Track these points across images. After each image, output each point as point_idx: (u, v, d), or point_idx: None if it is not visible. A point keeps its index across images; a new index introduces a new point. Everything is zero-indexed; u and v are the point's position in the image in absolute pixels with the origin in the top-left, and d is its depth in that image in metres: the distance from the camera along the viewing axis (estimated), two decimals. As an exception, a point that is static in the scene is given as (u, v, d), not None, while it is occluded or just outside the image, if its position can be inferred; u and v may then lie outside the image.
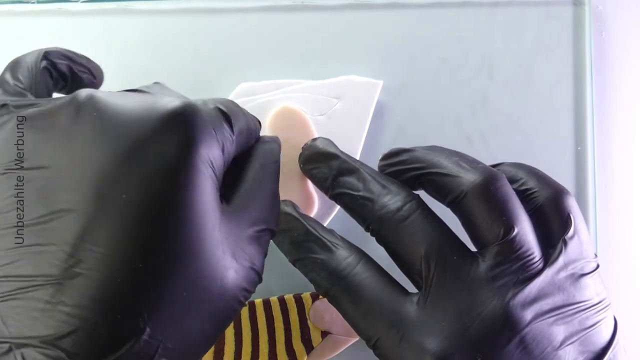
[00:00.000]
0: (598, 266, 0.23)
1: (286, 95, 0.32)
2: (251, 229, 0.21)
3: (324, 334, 0.31)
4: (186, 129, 0.18)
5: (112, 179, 0.18)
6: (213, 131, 0.19)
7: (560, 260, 0.21)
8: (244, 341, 0.30)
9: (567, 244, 0.22)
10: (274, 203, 0.22)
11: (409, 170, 0.24)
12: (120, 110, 0.18)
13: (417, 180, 0.24)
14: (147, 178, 0.18)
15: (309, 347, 0.31)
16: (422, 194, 0.24)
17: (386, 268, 0.23)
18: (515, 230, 0.21)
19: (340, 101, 0.32)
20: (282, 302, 0.31)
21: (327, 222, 0.31)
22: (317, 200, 0.30)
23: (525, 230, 0.21)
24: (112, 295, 0.17)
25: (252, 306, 0.31)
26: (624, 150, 0.35)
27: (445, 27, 0.34)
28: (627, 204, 0.35)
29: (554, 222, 0.23)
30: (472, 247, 0.22)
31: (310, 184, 0.30)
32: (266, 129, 0.31)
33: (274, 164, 0.23)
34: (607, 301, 0.22)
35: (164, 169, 0.18)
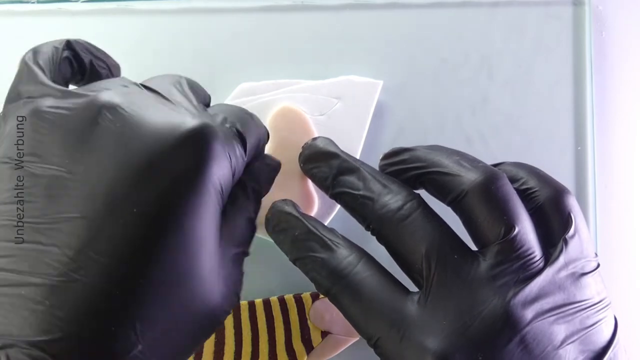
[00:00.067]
0: (598, 265, 0.23)
1: (286, 95, 0.32)
2: (235, 250, 0.22)
3: (324, 334, 0.31)
4: (201, 152, 0.19)
5: (125, 192, 0.18)
6: (227, 154, 0.20)
7: (561, 259, 0.21)
8: (244, 341, 0.30)
9: (568, 243, 0.22)
10: (252, 225, 0.23)
11: (409, 169, 0.24)
12: (141, 124, 0.19)
13: (417, 179, 0.24)
14: (159, 196, 0.18)
15: (309, 347, 0.31)
16: (423, 194, 0.24)
17: (387, 267, 0.23)
18: (516, 230, 0.21)
19: (340, 101, 0.32)
20: (282, 302, 0.31)
21: (327, 221, 0.31)
22: (318, 200, 0.30)
23: (526, 229, 0.21)
24: (108, 307, 0.17)
25: (252, 306, 0.31)
26: (624, 150, 0.35)
27: (445, 27, 0.34)
28: (627, 204, 0.35)
29: (554, 222, 0.23)
30: (473, 247, 0.22)
31: (310, 183, 0.30)
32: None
33: (264, 187, 0.24)
34: (608, 300, 0.22)
35: (176, 189, 0.18)
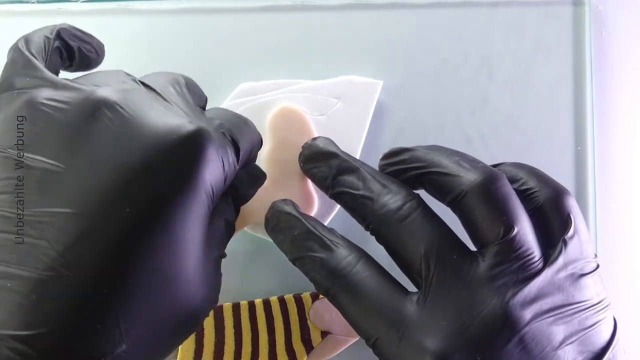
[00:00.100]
0: (598, 266, 0.23)
1: (286, 95, 0.32)
2: (216, 252, 0.22)
3: (324, 334, 0.31)
4: (196, 156, 0.19)
5: (119, 191, 0.18)
6: (220, 159, 0.20)
7: (560, 260, 0.21)
8: (243, 341, 0.30)
9: (567, 243, 0.22)
10: (230, 229, 0.23)
11: (409, 169, 0.24)
12: (138, 125, 0.19)
13: (417, 179, 0.24)
14: (152, 197, 0.18)
15: (309, 347, 0.31)
16: (423, 194, 0.24)
17: (386, 267, 0.23)
18: (515, 230, 0.21)
19: (340, 101, 0.32)
20: (282, 302, 0.31)
21: (327, 221, 0.31)
22: (317, 200, 0.30)
23: (525, 230, 0.21)
24: (95, 305, 0.17)
25: (252, 306, 0.31)
26: (624, 150, 0.35)
27: (445, 27, 0.34)
28: (627, 204, 0.35)
29: (554, 222, 0.23)
30: (472, 247, 0.22)
31: (310, 183, 0.30)
32: (266, 129, 0.31)
33: (246, 195, 0.25)
34: (607, 301, 0.22)
35: (169, 191, 0.18)
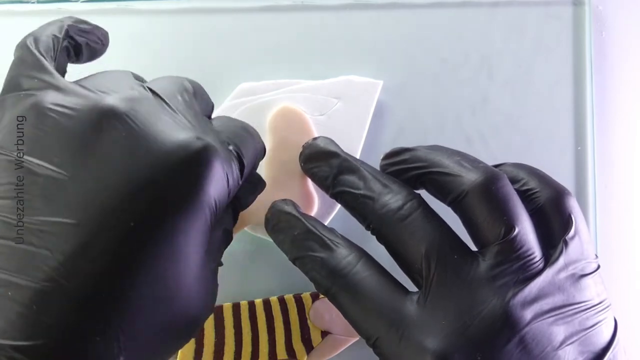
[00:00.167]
0: (599, 267, 0.23)
1: (286, 95, 0.32)
2: (214, 263, 0.22)
3: (324, 333, 0.31)
4: (203, 173, 0.19)
5: (123, 204, 0.18)
6: (225, 175, 0.20)
7: (561, 260, 0.21)
8: (244, 341, 0.30)
9: (568, 244, 0.22)
10: (228, 237, 0.23)
11: (410, 169, 0.24)
12: (146, 137, 0.19)
13: (418, 179, 0.24)
14: (156, 212, 0.18)
15: (309, 347, 0.31)
16: (424, 194, 0.24)
17: (386, 267, 0.23)
18: (516, 230, 0.21)
19: (340, 101, 0.32)
20: (282, 302, 0.31)
21: (327, 221, 0.31)
22: (317, 200, 0.30)
23: (526, 230, 0.21)
24: (94, 317, 0.17)
25: (252, 306, 0.31)
26: (624, 150, 0.35)
27: (445, 27, 0.34)
28: (627, 204, 0.35)
29: (554, 223, 0.23)
30: (473, 247, 0.22)
31: (310, 183, 0.30)
32: (266, 129, 0.31)
33: (244, 204, 0.25)
34: (608, 302, 0.22)
35: (174, 207, 0.19)
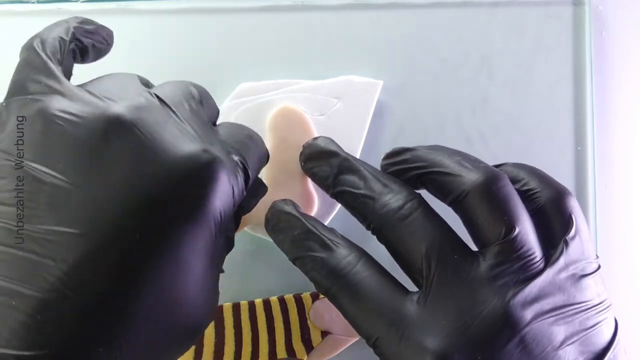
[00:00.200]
0: (599, 267, 0.23)
1: (286, 95, 0.32)
2: (216, 270, 0.22)
3: (324, 334, 0.31)
4: (210, 187, 0.19)
5: (129, 216, 0.18)
6: (231, 187, 0.20)
7: (561, 260, 0.21)
8: (244, 341, 0.30)
9: (569, 244, 0.22)
10: (230, 244, 0.24)
11: (411, 169, 0.24)
12: (154, 149, 0.19)
13: (419, 179, 0.24)
14: (162, 225, 0.18)
15: (309, 347, 0.31)
16: (424, 194, 0.24)
17: (387, 267, 0.23)
18: (517, 230, 0.21)
19: (340, 101, 0.32)
20: (282, 302, 0.31)
21: (327, 221, 0.31)
22: (318, 200, 0.30)
23: (527, 230, 0.21)
24: (97, 328, 0.17)
25: (252, 306, 0.31)
26: (624, 150, 0.35)
27: (445, 27, 0.34)
28: (627, 204, 0.35)
29: (555, 223, 0.23)
30: (473, 247, 0.22)
31: (310, 183, 0.30)
32: (266, 129, 0.31)
33: (247, 209, 0.25)
34: (608, 302, 0.22)
35: (180, 220, 0.19)
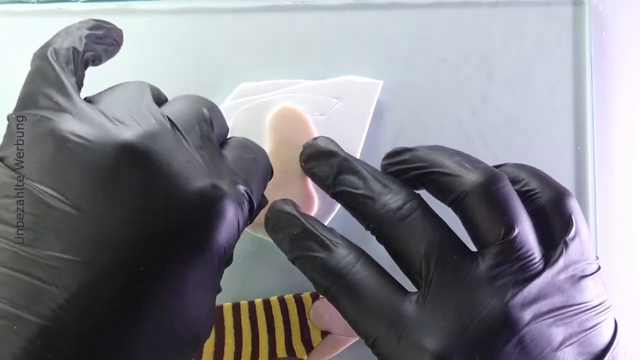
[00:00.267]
0: (599, 268, 0.23)
1: (286, 95, 0.32)
2: (215, 291, 0.22)
3: (324, 334, 0.31)
4: (216, 222, 0.19)
5: (135, 248, 0.18)
6: (237, 220, 0.20)
7: (561, 261, 0.21)
8: (244, 341, 0.30)
9: (568, 245, 0.22)
10: (230, 261, 0.23)
11: (410, 169, 0.24)
12: (163, 181, 0.19)
13: (418, 179, 0.24)
14: (167, 258, 0.18)
15: (309, 347, 0.31)
16: (424, 194, 0.24)
17: (386, 267, 0.23)
18: (516, 231, 0.21)
19: (340, 101, 0.32)
20: (282, 302, 0.31)
21: (327, 221, 0.31)
22: (317, 200, 0.30)
23: (526, 230, 0.21)
24: (99, 356, 0.17)
25: (252, 306, 0.31)
26: (624, 150, 0.35)
27: (445, 27, 0.34)
28: (627, 204, 0.35)
29: (555, 223, 0.23)
30: (473, 247, 0.22)
31: (310, 183, 0.30)
32: (266, 129, 0.31)
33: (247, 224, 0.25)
34: (608, 303, 0.22)
35: (185, 253, 0.19)
